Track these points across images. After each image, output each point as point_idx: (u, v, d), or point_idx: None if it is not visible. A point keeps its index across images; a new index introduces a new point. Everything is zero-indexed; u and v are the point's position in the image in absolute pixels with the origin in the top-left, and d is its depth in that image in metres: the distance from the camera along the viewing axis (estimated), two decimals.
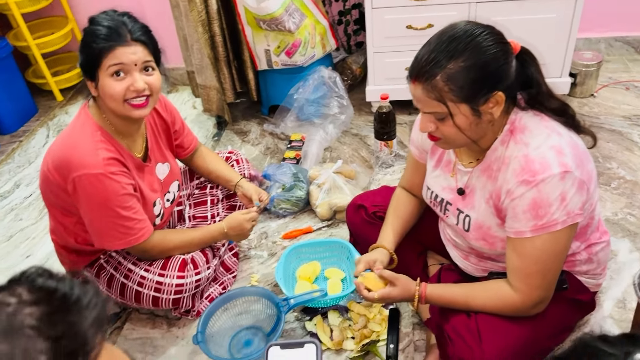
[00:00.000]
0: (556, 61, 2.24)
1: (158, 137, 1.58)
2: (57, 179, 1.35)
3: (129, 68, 1.28)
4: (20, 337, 0.37)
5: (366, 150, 2.30)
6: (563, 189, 1.05)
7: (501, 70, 1.05)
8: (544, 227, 1.07)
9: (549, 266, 1.12)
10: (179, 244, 1.52)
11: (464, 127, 1.09)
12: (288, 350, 0.88)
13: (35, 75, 2.97)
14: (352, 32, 2.80)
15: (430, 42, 1.08)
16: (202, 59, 2.35)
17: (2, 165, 2.49)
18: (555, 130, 1.11)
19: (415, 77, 1.08)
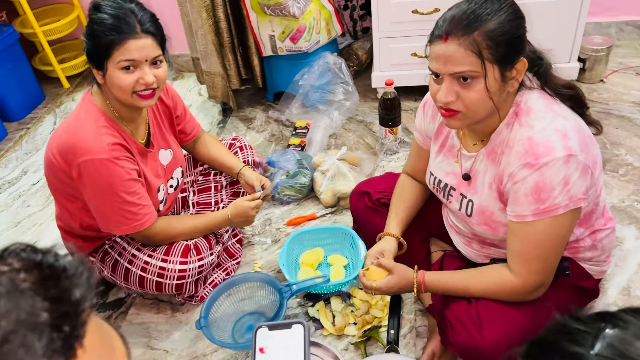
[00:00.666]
0: (565, 46, 2.20)
1: (160, 123, 1.58)
2: (62, 165, 1.36)
3: (139, 63, 1.29)
4: (22, 296, 0.39)
5: (371, 137, 2.29)
6: (566, 172, 1.03)
7: (524, 36, 1.05)
8: (546, 211, 1.06)
9: (550, 251, 1.11)
10: (183, 231, 1.53)
11: (493, 91, 1.03)
12: (276, 331, 0.88)
13: (42, 62, 2.98)
14: (358, 18, 2.77)
15: (461, 2, 1.05)
16: (207, 45, 2.34)
17: (9, 152, 2.52)
18: (560, 113, 1.09)
19: (451, 32, 1.02)
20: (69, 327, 0.40)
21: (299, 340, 0.86)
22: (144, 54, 1.28)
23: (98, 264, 1.61)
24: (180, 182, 1.67)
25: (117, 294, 1.72)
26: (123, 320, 1.63)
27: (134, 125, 1.46)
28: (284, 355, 0.85)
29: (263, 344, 0.87)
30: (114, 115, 1.40)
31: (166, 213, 1.67)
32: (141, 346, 1.54)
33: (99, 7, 1.28)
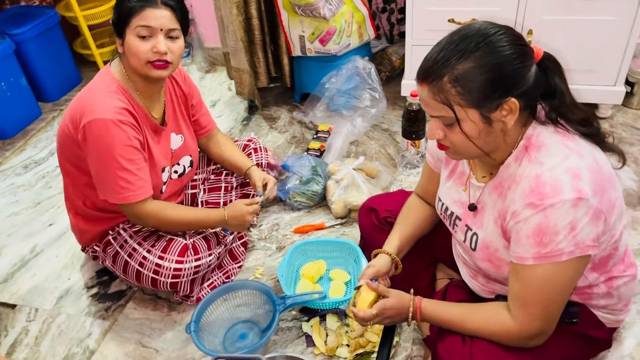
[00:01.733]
0: (610, 68, 2.05)
1: (176, 107, 1.59)
2: (71, 131, 1.39)
3: (154, 31, 1.33)
4: None
5: (394, 147, 2.21)
6: (574, 217, 0.94)
7: (516, 73, 0.95)
8: (548, 255, 0.97)
9: (552, 298, 1.02)
10: (176, 219, 1.50)
11: (472, 135, 1.00)
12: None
13: (82, 46, 3.05)
14: (396, 21, 2.68)
15: (441, 41, 0.99)
16: (236, 41, 2.32)
17: (41, 132, 2.59)
18: (576, 150, 0.99)
19: (423, 77, 0.99)
20: None
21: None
22: (160, 22, 1.32)
23: (101, 253, 1.62)
24: (186, 171, 1.66)
25: (119, 285, 1.73)
26: (120, 313, 1.64)
27: (150, 100, 1.48)
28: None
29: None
30: (131, 87, 1.43)
31: None
32: (133, 342, 1.54)
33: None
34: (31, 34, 2.58)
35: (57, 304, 1.69)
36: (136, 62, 1.36)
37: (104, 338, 1.56)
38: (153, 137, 1.48)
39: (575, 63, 2.03)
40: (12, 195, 2.19)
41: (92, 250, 1.65)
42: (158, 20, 1.32)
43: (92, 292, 1.72)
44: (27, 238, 1.96)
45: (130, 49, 1.34)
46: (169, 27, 1.34)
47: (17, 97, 2.56)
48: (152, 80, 1.41)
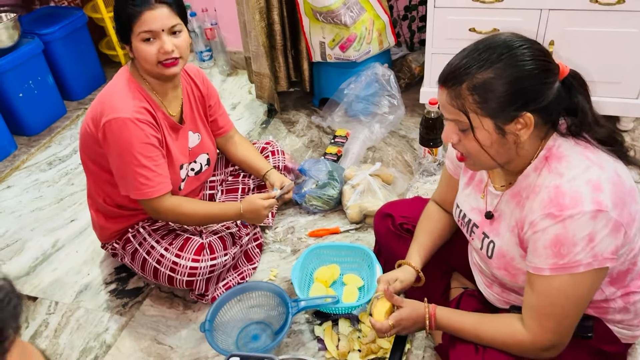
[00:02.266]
0: (633, 81, 2.03)
1: (193, 106, 1.62)
2: (92, 130, 1.43)
3: (157, 33, 1.35)
4: None
5: (411, 154, 2.22)
6: (593, 228, 0.94)
7: (535, 89, 0.96)
8: (565, 267, 0.97)
9: (567, 311, 1.01)
10: (194, 213, 1.54)
11: (485, 143, 1.01)
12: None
13: (108, 46, 3.12)
14: (417, 29, 2.69)
15: (466, 48, 1.00)
16: (258, 46, 2.35)
17: (65, 130, 2.65)
18: (597, 162, 0.99)
19: (443, 82, 1.01)
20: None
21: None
22: (160, 23, 1.34)
23: (120, 250, 1.66)
24: (204, 169, 1.69)
25: (136, 282, 1.77)
26: (137, 309, 1.67)
27: (166, 99, 1.51)
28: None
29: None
30: (148, 87, 1.47)
31: None
32: (149, 339, 1.57)
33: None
34: (59, 34, 2.65)
35: (76, 299, 1.73)
36: (147, 65, 1.39)
37: (121, 333, 1.60)
38: (171, 134, 1.52)
39: (597, 75, 2.02)
40: (36, 190, 2.25)
41: (112, 247, 1.69)
42: (158, 21, 1.33)
43: (111, 288, 1.76)
44: (49, 233, 2.01)
45: (138, 54, 1.38)
46: (169, 25, 1.35)
47: (44, 95, 2.63)
48: (166, 78, 1.45)
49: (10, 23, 2.37)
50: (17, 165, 2.42)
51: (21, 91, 2.50)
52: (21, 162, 2.44)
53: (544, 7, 1.95)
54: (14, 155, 2.49)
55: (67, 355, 1.55)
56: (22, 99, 2.52)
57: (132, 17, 1.32)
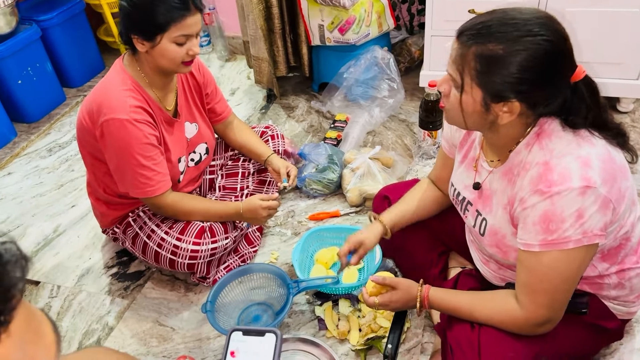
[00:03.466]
0: (633, 61, 2.02)
1: (189, 96, 1.62)
2: (89, 125, 1.43)
3: (191, 37, 1.37)
4: None
5: (411, 137, 2.21)
6: (582, 205, 0.94)
7: (535, 84, 0.95)
8: (554, 243, 0.98)
9: (558, 286, 1.02)
10: (194, 211, 1.55)
11: (467, 109, 1.01)
12: (249, 336, 0.89)
13: (106, 33, 3.10)
14: (416, 12, 2.67)
15: (495, 12, 0.97)
16: (256, 30, 2.34)
17: (64, 117, 2.65)
18: (588, 139, 0.99)
19: (458, 35, 0.99)
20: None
21: (269, 348, 0.86)
22: (196, 28, 1.37)
23: (121, 235, 1.66)
24: (203, 159, 1.69)
25: (138, 266, 1.78)
26: (139, 292, 1.68)
27: (163, 93, 1.51)
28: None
29: (235, 348, 0.88)
30: (143, 82, 1.45)
31: (190, 190, 1.70)
32: (151, 320, 1.59)
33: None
34: (57, 20, 2.63)
35: (78, 282, 1.75)
36: (168, 64, 1.39)
37: (123, 316, 1.61)
38: (167, 129, 1.51)
39: (598, 56, 2.01)
40: (36, 177, 2.26)
41: (112, 232, 1.70)
42: (195, 26, 1.36)
43: (112, 271, 1.77)
44: (50, 218, 2.02)
45: (164, 54, 1.36)
46: (200, 29, 1.39)
47: (43, 82, 2.62)
48: (171, 74, 1.45)
49: (8, 9, 2.36)
50: (17, 152, 2.42)
51: (20, 78, 2.50)
52: (21, 149, 2.45)
53: None
54: (14, 142, 2.49)
55: (70, 337, 1.57)
56: (21, 86, 2.51)
57: (172, 20, 1.31)
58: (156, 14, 1.30)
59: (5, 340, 0.43)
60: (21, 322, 0.45)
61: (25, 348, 0.45)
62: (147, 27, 1.33)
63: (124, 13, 1.35)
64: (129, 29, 1.35)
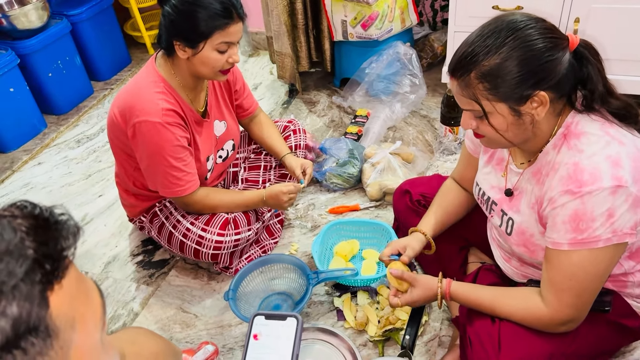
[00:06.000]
0: None
1: (219, 95, 1.65)
2: (121, 124, 1.46)
3: (232, 44, 1.41)
4: (15, 235, 0.47)
5: (432, 133, 2.22)
6: (612, 204, 0.95)
7: (544, 67, 0.96)
8: (584, 242, 0.98)
9: (586, 285, 1.03)
10: (220, 204, 1.59)
11: (501, 128, 1.02)
12: (272, 320, 0.92)
13: (132, 28, 3.17)
14: (439, 8, 2.67)
15: (472, 34, 1.01)
16: (280, 25, 2.37)
17: (92, 109, 2.72)
18: (617, 138, 0.99)
19: (452, 72, 1.02)
20: (50, 265, 0.47)
21: (290, 332, 0.89)
22: (239, 36, 1.41)
23: (147, 224, 1.71)
24: (230, 155, 1.73)
25: (162, 255, 1.83)
26: (163, 280, 1.73)
27: (194, 94, 1.54)
28: (275, 344, 0.88)
29: (257, 331, 0.90)
30: (176, 84, 1.48)
31: (215, 184, 1.75)
32: (175, 307, 1.64)
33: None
34: (86, 15, 2.70)
35: (104, 269, 1.80)
36: (208, 71, 1.42)
37: (148, 302, 1.66)
38: (197, 129, 1.55)
39: (622, 53, 1.99)
40: (65, 167, 2.33)
41: (140, 221, 1.75)
42: (237, 34, 1.39)
43: (138, 259, 1.83)
44: (78, 207, 2.09)
45: (205, 61, 1.39)
46: (241, 37, 1.42)
47: (72, 75, 2.70)
48: (201, 78, 1.48)
49: (40, 4, 2.44)
50: (47, 143, 2.50)
51: (50, 71, 2.58)
52: (51, 140, 2.52)
53: None
54: (44, 134, 2.57)
55: None
56: (51, 79, 2.59)
57: (217, 27, 1.34)
58: (201, 21, 1.33)
59: (58, 291, 0.48)
60: (72, 281, 0.50)
61: (75, 304, 0.50)
62: (192, 34, 1.36)
63: (168, 20, 1.36)
64: (172, 35, 1.38)
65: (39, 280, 0.46)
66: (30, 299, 0.44)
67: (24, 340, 0.44)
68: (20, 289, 0.44)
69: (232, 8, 1.35)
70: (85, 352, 0.50)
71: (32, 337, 0.44)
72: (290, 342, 0.88)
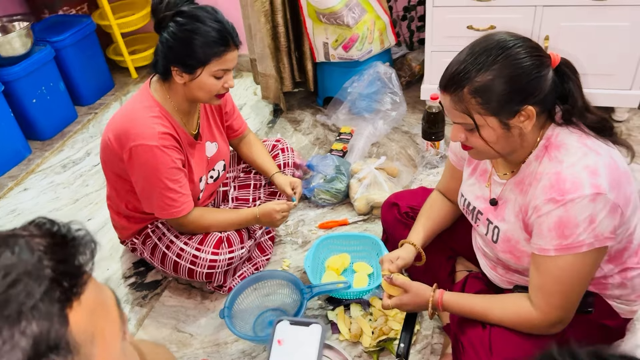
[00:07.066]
0: (626, 72, 2.11)
1: (210, 117, 1.69)
2: (115, 148, 1.49)
3: (228, 71, 1.46)
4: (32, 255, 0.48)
5: (414, 148, 2.30)
6: (593, 210, 1.01)
7: (532, 83, 1.03)
8: (569, 247, 1.04)
9: (572, 287, 1.09)
10: (214, 223, 1.63)
11: (491, 140, 1.08)
12: (295, 326, 0.91)
13: (115, 52, 3.20)
14: (416, 29, 2.77)
15: (463, 52, 1.07)
16: (264, 48, 2.43)
17: (77, 134, 2.73)
18: (593, 149, 1.07)
19: (444, 87, 1.08)
20: (68, 283, 0.48)
21: (315, 339, 0.88)
22: (234, 63, 1.46)
23: (139, 245, 1.73)
24: (221, 175, 1.77)
25: (155, 276, 1.84)
26: (157, 300, 1.74)
27: (188, 117, 1.58)
28: (298, 351, 0.88)
29: (281, 337, 0.90)
30: (171, 108, 1.52)
31: (206, 203, 1.78)
32: (170, 327, 1.65)
33: (198, 18, 1.39)
34: (69, 41, 2.73)
35: None
36: (204, 95, 1.47)
37: (142, 323, 1.67)
38: (190, 151, 1.59)
39: (592, 68, 2.10)
40: (52, 192, 2.33)
41: (132, 243, 1.76)
42: (233, 62, 1.45)
43: (130, 281, 1.83)
44: None
45: (201, 86, 1.44)
46: (236, 64, 1.47)
47: (56, 100, 2.71)
48: (195, 102, 1.53)
49: (24, 31, 2.46)
50: (32, 169, 2.50)
51: (35, 97, 2.58)
52: (36, 165, 2.52)
53: (538, 3, 2.04)
54: (29, 159, 2.57)
55: None
56: (36, 105, 2.60)
57: (214, 55, 1.39)
58: (199, 48, 1.38)
59: (77, 308, 0.49)
60: (91, 296, 0.52)
61: (94, 319, 0.51)
62: (189, 60, 1.40)
63: (167, 46, 1.40)
64: (170, 61, 1.42)
65: (58, 298, 0.47)
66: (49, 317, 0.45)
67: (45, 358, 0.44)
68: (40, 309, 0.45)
69: (228, 36, 1.40)
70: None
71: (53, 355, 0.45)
72: (314, 350, 0.87)
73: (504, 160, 1.20)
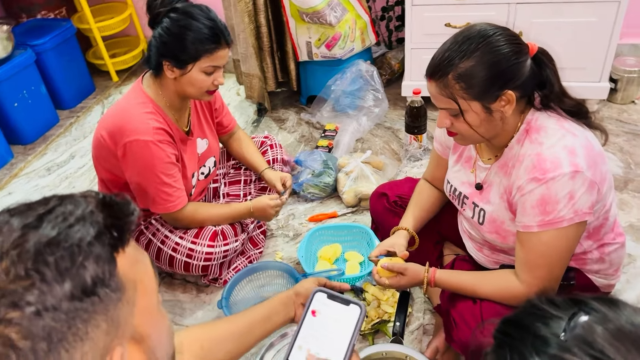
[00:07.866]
0: (595, 66, 2.23)
1: (201, 114, 1.73)
2: (109, 145, 1.51)
3: (218, 68, 1.49)
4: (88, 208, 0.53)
5: (397, 143, 2.37)
6: (572, 187, 1.08)
7: (512, 69, 1.10)
8: (551, 222, 1.11)
9: (555, 261, 1.16)
10: (208, 217, 1.66)
11: (474, 123, 1.15)
12: (333, 301, 0.85)
13: (95, 56, 3.19)
14: (394, 28, 2.85)
15: (447, 42, 1.14)
16: (247, 48, 2.47)
17: (59, 138, 2.72)
18: (570, 131, 1.14)
19: (430, 75, 1.14)
20: (116, 232, 0.54)
21: (352, 320, 0.82)
22: (225, 61, 1.49)
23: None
24: (211, 171, 1.80)
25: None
26: None
27: (180, 114, 1.61)
28: (332, 327, 0.82)
29: (317, 308, 0.84)
30: (163, 104, 1.55)
31: (197, 200, 1.80)
32: None
33: (191, 15, 1.43)
34: (50, 44, 2.71)
35: None
36: (194, 91, 1.49)
37: None
38: (183, 147, 1.62)
39: (564, 61, 2.17)
40: (38, 195, 2.25)
41: None
42: (224, 59, 1.48)
43: None
44: None
45: (192, 82, 1.46)
46: (226, 62, 1.51)
47: (37, 104, 2.69)
48: (186, 98, 1.56)
49: (5, 35, 2.44)
50: (15, 173, 2.48)
51: (16, 101, 2.56)
52: (19, 169, 2.50)
53: (511, 1, 2.14)
54: (12, 164, 2.54)
55: None
56: (17, 109, 2.58)
57: (205, 51, 1.42)
58: (190, 44, 1.41)
59: (123, 256, 0.54)
60: (133, 251, 0.57)
61: (135, 269, 0.56)
62: (181, 55, 1.43)
63: (160, 40, 1.44)
64: (162, 55, 1.45)
65: (108, 242, 0.52)
66: (101, 256, 0.51)
67: (97, 289, 0.50)
68: (94, 246, 0.51)
69: (220, 34, 1.44)
70: (146, 312, 0.57)
71: (106, 289, 0.50)
72: (349, 329, 0.81)
73: (487, 146, 1.27)
